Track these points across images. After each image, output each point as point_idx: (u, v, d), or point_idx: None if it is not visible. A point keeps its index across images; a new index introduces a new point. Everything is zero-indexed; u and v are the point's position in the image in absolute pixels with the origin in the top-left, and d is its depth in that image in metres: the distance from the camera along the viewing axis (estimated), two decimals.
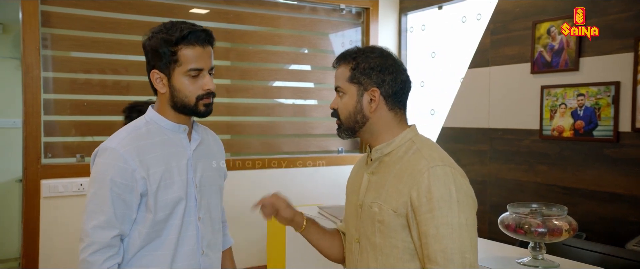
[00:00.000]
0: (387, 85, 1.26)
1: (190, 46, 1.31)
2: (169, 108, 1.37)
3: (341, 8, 3.67)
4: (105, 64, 3.00)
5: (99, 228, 1.28)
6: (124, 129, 1.38)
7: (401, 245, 1.21)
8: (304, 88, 3.72)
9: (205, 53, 1.34)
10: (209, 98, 1.37)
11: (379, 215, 1.23)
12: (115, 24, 2.98)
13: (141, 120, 1.40)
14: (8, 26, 4.28)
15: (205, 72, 1.35)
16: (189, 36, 1.30)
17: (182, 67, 1.31)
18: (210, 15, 3.30)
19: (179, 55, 1.31)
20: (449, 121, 3.38)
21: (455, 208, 1.14)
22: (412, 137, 1.28)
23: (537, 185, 2.82)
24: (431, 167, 1.17)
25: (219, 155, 1.53)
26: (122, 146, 1.31)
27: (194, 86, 1.33)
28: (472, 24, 3.34)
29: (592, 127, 2.56)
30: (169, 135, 1.38)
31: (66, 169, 2.81)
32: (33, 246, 2.72)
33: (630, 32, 2.42)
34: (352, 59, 1.28)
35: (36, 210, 2.72)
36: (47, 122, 2.81)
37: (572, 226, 1.74)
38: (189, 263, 1.38)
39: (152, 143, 1.35)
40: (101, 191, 1.29)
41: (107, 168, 1.29)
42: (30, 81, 2.71)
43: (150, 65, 1.35)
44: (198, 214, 1.40)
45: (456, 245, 1.13)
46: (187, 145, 1.40)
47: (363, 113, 1.27)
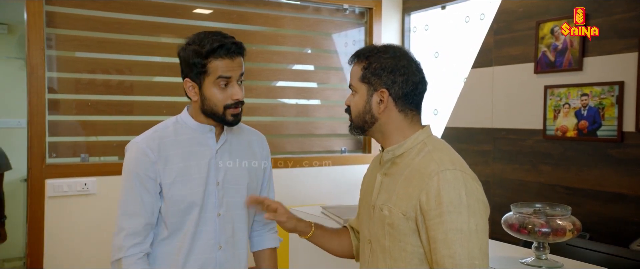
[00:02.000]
0: (397, 87, 1.24)
1: (220, 58, 1.36)
2: (199, 113, 1.44)
3: (344, 8, 3.67)
4: (110, 64, 3.01)
5: (127, 216, 1.39)
6: (154, 126, 1.48)
7: (410, 249, 1.20)
8: (307, 88, 3.73)
9: (234, 63, 1.38)
10: (237, 108, 1.42)
11: (389, 218, 1.21)
12: (120, 24, 2.99)
13: (171, 119, 1.49)
14: (13, 26, 4.30)
15: (234, 81, 1.40)
16: (218, 49, 1.35)
17: (211, 76, 1.37)
18: (213, 15, 3.31)
19: (209, 67, 1.37)
20: (452, 121, 3.38)
21: (465, 213, 1.12)
22: (425, 139, 1.26)
23: (540, 185, 2.81)
24: (441, 171, 1.15)
25: (256, 155, 1.56)
26: (146, 141, 1.41)
27: (223, 95, 1.39)
28: (475, 23, 3.33)
29: (596, 127, 2.55)
30: (195, 134, 1.45)
31: (71, 169, 2.83)
32: (38, 245, 2.74)
33: (634, 32, 2.41)
34: (365, 58, 1.27)
35: (41, 209, 2.74)
36: (52, 121, 2.82)
37: (575, 226, 1.74)
38: (204, 256, 1.44)
39: (176, 141, 1.43)
40: (128, 183, 1.40)
41: (132, 162, 1.40)
42: (35, 81, 2.72)
43: (184, 74, 1.42)
44: (218, 210, 1.45)
45: (465, 251, 1.10)
46: (213, 144, 1.46)
47: (372, 114, 1.26)
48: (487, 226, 1.16)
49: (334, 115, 3.71)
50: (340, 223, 2.02)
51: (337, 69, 3.72)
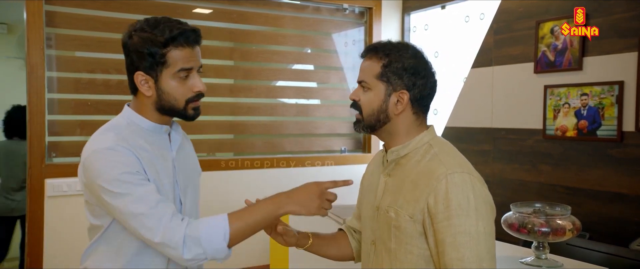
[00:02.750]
0: (416, 90, 1.21)
1: (180, 47, 1.22)
2: (152, 110, 1.29)
3: (344, 8, 3.67)
4: (109, 64, 3.01)
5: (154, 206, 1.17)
6: (107, 130, 1.28)
7: (416, 251, 1.19)
8: (307, 87, 3.73)
9: (194, 52, 1.25)
10: (198, 101, 1.29)
11: (396, 220, 1.20)
12: (119, 23, 2.99)
13: (121, 120, 1.31)
14: (13, 26, 4.30)
15: (195, 71, 1.26)
16: (178, 37, 1.21)
17: (170, 68, 1.22)
18: (213, 15, 3.31)
19: (168, 57, 1.22)
20: (452, 121, 3.38)
21: (473, 216, 1.11)
22: (430, 140, 1.24)
23: (540, 185, 2.82)
24: (449, 174, 1.14)
25: (193, 152, 1.48)
26: (119, 143, 1.22)
27: (184, 88, 1.25)
28: (475, 23, 3.33)
29: (596, 126, 2.55)
30: (151, 137, 1.30)
31: (70, 168, 2.83)
32: (37, 244, 2.74)
33: (634, 32, 2.42)
34: (385, 55, 1.22)
35: (40, 208, 2.74)
36: (52, 121, 2.82)
37: (575, 226, 1.74)
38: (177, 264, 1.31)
39: (139, 146, 1.26)
40: (127, 188, 1.18)
41: (115, 165, 1.19)
42: (34, 81, 2.72)
43: (134, 66, 1.24)
44: (182, 215, 1.27)
45: (474, 254, 1.10)
46: (168, 146, 1.33)
47: (387, 114, 1.22)
48: (494, 228, 1.16)
49: (333, 115, 3.72)
50: (340, 222, 2.02)
51: (337, 69, 3.72)
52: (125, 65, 1.28)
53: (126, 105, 1.34)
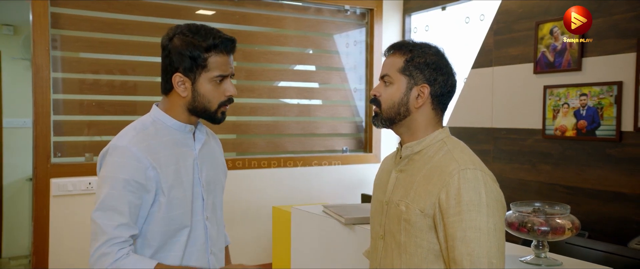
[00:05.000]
0: (437, 85, 1.24)
1: (220, 54, 1.31)
2: (183, 111, 1.35)
3: (345, 9, 3.70)
4: (114, 65, 3.05)
5: (115, 227, 1.23)
6: (132, 127, 1.35)
7: (426, 245, 1.20)
8: (309, 88, 3.76)
9: (229, 60, 1.35)
10: (227, 106, 1.37)
11: (406, 214, 1.21)
12: (123, 25, 3.02)
13: (147, 118, 1.38)
14: (19, 27, 4.34)
15: (229, 77, 1.35)
16: (219, 45, 1.30)
17: (209, 72, 1.31)
18: (216, 16, 3.34)
19: (209, 61, 1.30)
20: (453, 121, 3.40)
21: (484, 212, 1.13)
22: (444, 138, 1.26)
23: (540, 184, 2.84)
24: (462, 170, 1.16)
25: (220, 152, 1.54)
26: (134, 144, 1.28)
27: (218, 92, 1.33)
28: (475, 24, 3.36)
29: (595, 126, 2.57)
30: (176, 135, 1.36)
31: (75, 168, 2.86)
32: (43, 243, 2.77)
33: (633, 32, 2.44)
34: (408, 51, 1.26)
35: (46, 208, 2.77)
36: (57, 121, 2.85)
37: (574, 225, 1.75)
38: (198, 263, 1.37)
39: (161, 142, 1.32)
40: (115, 191, 1.24)
41: (120, 166, 1.26)
42: (40, 81, 2.75)
43: (173, 67, 1.31)
44: (206, 213, 1.39)
45: (483, 250, 1.11)
46: (192, 144, 1.39)
47: (407, 107, 1.25)
48: (503, 226, 1.17)
49: (335, 115, 3.74)
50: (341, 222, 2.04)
51: (339, 69, 3.75)
52: (162, 66, 1.34)
53: (154, 104, 1.40)
